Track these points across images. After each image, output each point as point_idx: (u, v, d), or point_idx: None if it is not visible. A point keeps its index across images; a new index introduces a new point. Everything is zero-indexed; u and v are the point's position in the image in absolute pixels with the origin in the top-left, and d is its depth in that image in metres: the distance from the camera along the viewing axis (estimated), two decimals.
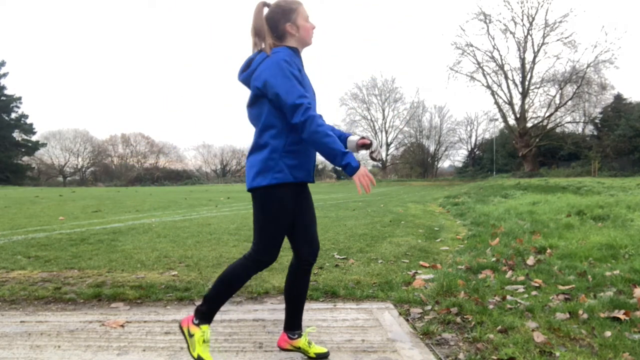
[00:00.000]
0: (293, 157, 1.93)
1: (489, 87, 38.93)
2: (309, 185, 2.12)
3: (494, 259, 4.24)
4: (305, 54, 2.11)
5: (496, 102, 39.29)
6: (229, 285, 2.02)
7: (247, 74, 2.01)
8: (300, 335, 2.14)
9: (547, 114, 37.74)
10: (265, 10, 2.01)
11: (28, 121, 46.97)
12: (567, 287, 3.21)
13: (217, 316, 2.73)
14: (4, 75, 44.54)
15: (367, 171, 1.84)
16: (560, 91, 36.58)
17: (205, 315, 2.00)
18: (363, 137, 2.13)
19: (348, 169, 1.83)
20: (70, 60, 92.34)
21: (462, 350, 2.22)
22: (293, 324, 2.14)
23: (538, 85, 37.94)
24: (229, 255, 4.56)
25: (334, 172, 58.55)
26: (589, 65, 34.21)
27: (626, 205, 7.84)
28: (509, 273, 3.67)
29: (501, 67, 38.14)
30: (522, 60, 37.98)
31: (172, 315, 2.78)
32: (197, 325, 1.98)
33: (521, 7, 40.56)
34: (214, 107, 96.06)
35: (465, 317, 2.65)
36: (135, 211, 10.14)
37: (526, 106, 38.27)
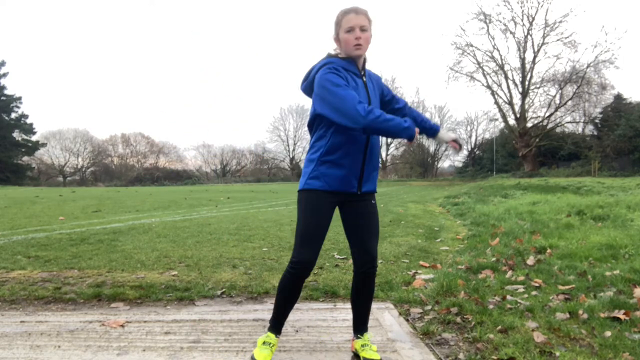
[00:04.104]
0: (328, 166, 2.01)
1: (489, 87, 38.94)
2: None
3: (494, 259, 4.24)
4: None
5: (496, 102, 39.32)
6: (279, 293, 2.13)
7: (307, 83, 2.12)
8: (358, 338, 2.17)
9: (547, 114, 37.77)
10: None
11: (28, 121, 47.03)
12: (567, 287, 3.21)
13: (217, 316, 2.74)
14: (4, 75, 44.61)
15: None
16: (560, 91, 36.58)
17: (270, 322, 2.17)
18: (455, 141, 2.24)
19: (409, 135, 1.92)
20: (70, 60, 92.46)
21: (462, 350, 2.22)
22: (355, 327, 2.21)
23: (538, 85, 37.96)
24: (229, 255, 4.56)
25: None
26: (589, 65, 34.21)
27: (626, 205, 7.84)
28: (509, 273, 3.67)
29: (501, 67, 38.15)
30: (522, 60, 37.99)
31: (172, 315, 2.78)
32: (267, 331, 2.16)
33: (521, 7, 40.64)
34: (214, 107, 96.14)
35: (465, 317, 2.65)
36: (135, 211, 10.14)
37: (526, 106, 38.29)
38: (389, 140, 55.64)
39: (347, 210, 2.13)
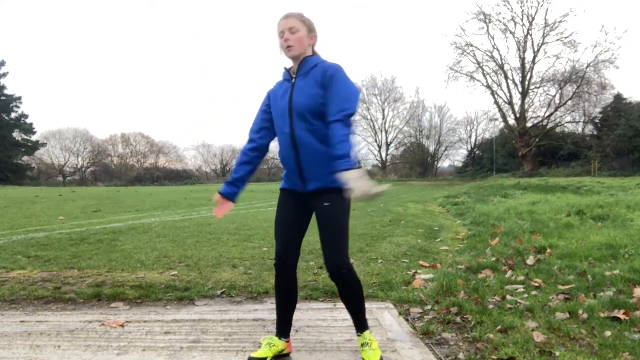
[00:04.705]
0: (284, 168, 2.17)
1: (489, 87, 38.89)
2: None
3: (494, 259, 4.24)
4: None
5: (496, 102, 39.27)
6: (275, 295, 2.20)
7: None
8: (359, 336, 2.18)
9: (547, 114, 37.73)
10: None
11: (28, 121, 46.95)
12: (567, 287, 3.21)
13: (217, 316, 2.74)
14: (4, 75, 44.53)
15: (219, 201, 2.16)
16: (560, 91, 36.55)
17: (276, 327, 2.21)
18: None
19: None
20: (70, 60, 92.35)
21: (462, 350, 2.22)
22: (355, 326, 2.20)
23: (538, 85, 37.91)
24: (229, 255, 4.56)
25: None
26: (589, 65, 34.18)
27: (626, 205, 7.84)
28: (509, 273, 3.67)
29: (501, 67, 38.12)
30: (522, 60, 37.95)
31: (172, 315, 2.78)
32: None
33: (521, 7, 40.51)
34: (214, 107, 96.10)
35: (465, 317, 2.65)
36: (135, 211, 10.14)
37: (526, 106, 38.24)
38: (389, 139, 55.78)
39: (312, 211, 2.15)
